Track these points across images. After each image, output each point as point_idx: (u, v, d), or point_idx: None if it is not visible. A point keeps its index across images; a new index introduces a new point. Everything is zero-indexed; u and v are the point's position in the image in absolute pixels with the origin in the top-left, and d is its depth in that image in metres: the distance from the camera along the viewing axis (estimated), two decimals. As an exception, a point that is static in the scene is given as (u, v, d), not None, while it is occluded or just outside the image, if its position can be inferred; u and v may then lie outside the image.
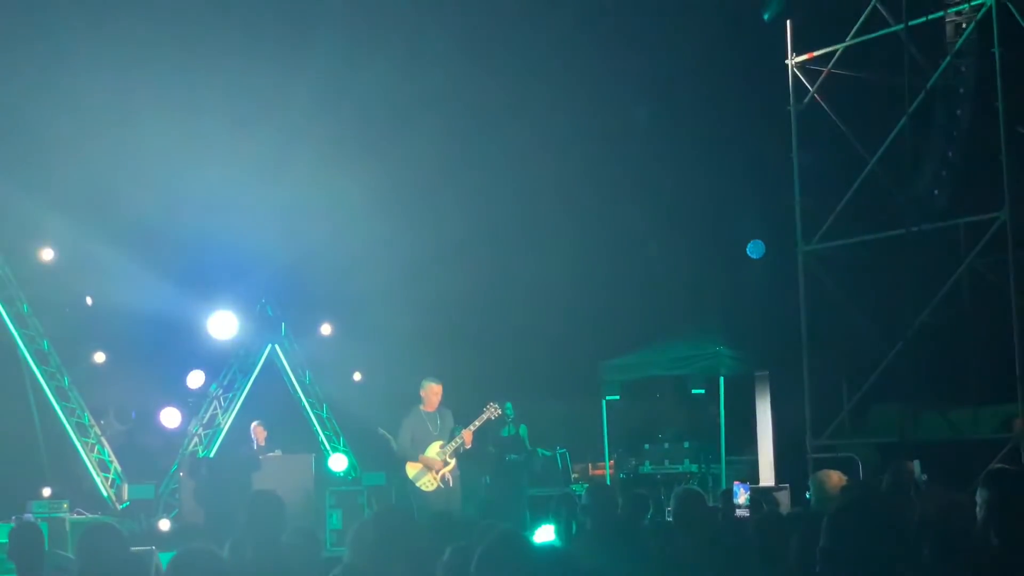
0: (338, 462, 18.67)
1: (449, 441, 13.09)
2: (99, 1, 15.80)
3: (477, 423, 13.32)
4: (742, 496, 6.62)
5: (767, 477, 15.71)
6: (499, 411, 13.97)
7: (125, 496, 17.05)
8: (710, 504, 8.46)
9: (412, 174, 18.36)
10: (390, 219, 18.72)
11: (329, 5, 16.32)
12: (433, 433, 13.13)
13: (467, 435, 13.14)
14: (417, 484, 12.98)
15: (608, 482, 16.99)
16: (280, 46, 16.56)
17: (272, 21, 16.79)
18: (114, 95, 16.11)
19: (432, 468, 12.97)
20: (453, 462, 13.10)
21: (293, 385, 20.47)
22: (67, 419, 18.05)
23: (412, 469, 13.05)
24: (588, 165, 17.59)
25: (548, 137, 17.60)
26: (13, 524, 13.30)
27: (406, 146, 17.74)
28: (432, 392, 13.29)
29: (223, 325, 19.10)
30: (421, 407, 13.28)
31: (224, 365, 19.95)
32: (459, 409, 17.06)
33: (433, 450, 13.04)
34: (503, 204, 18.62)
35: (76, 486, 17.17)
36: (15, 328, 17.84)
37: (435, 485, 12.96)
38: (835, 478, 7.75)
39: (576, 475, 17.09)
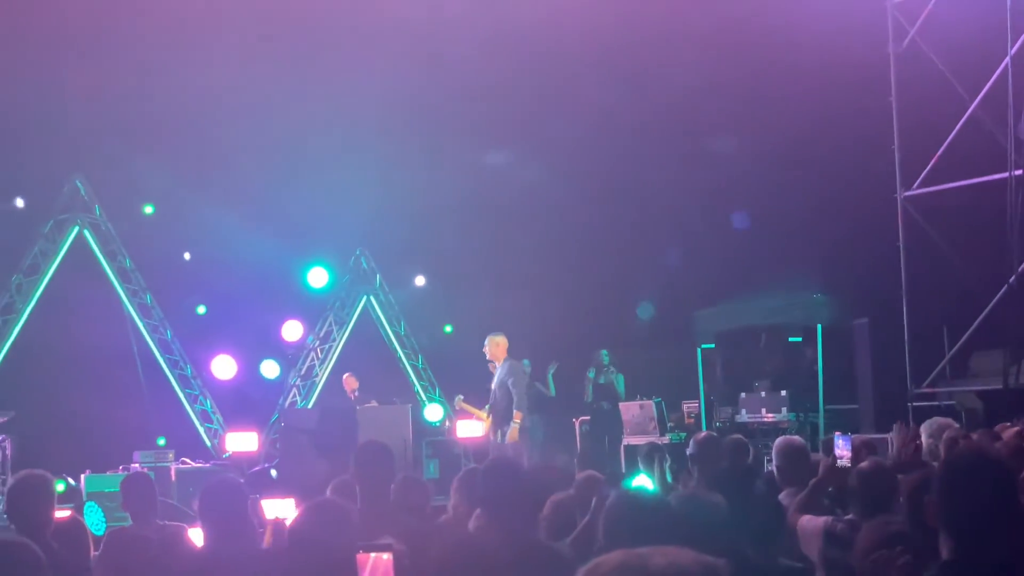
0: (434, 412, 18.84)
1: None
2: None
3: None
4: (843, 446, 6.52)
5: (867, 426, 15.54)
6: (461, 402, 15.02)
7: (227, 446, 17.36)
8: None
9: (504, 123, 18.32)
10: (483, 171, 18.74)
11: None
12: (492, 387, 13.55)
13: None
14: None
15: (704, 430, 16.96)
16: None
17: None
18: (213, 56, 16.28)
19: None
20: (488, 419, 13.67)
21: (388, 336, 20.67)
22: (171, 371, 18.46)
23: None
24: (683, 111, 17.39)
25: (641, 88, 17.42)
26: (122, 474, 13.72)
27: (499, 94, 17.69)
28: (490, 345, 13.71)
29: (320, 276, 19.40)
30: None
31: (320, 317, 20.21)
32: (559, 359, 17.19)
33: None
34: (598, 154, 18.52)
35: (181, 436, 17.55)
36: (119, 283, 18.24)
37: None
38: (944, 428, 7.66)
39: (672, 424, 17.04)
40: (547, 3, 15.95)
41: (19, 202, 17.79)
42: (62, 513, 6.95)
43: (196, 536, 5.99)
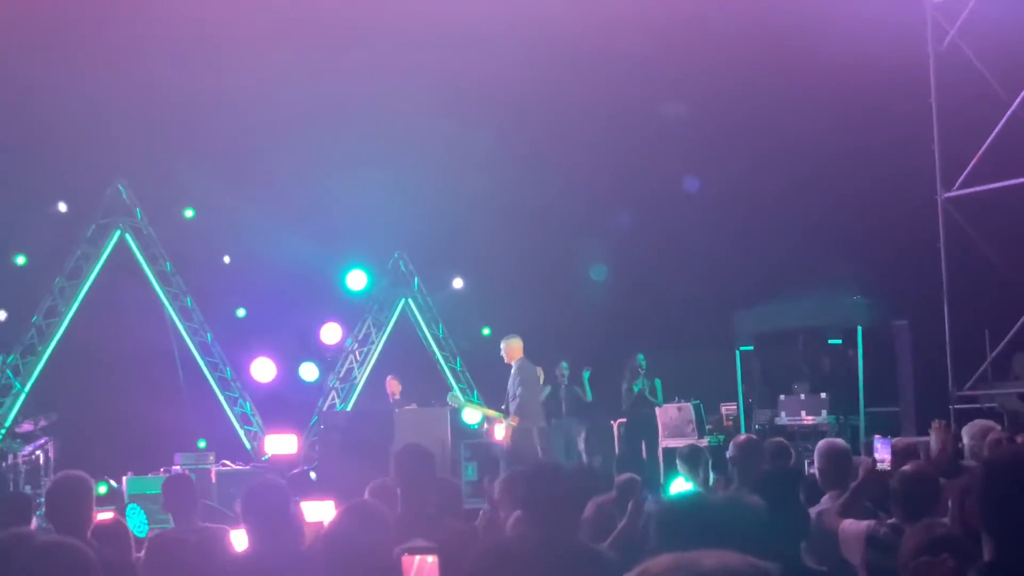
0: (472, 415, 18.86)
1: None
2: None
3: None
4: (883, 450, 6.48)
5: (908, 428, 15.44)
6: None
7: (267, 449, 17.44)
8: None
9: (542, 130, 18.36)
10: (521, 175, 18.75)
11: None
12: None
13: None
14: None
15: (743, 432, 16.89)
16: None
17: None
18: (253, 60, 16.39)
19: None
20: (501, 421, 13.86)
21: (426, 338, 20.72)
22: (211, 373, 18.59)
23: None
24: (721, 114, 17.36)
25: (680, 91, 17.40)
26: (163, 476, 13.83)
27: (538, 101, 17.72)
28: (504, 347, 13.99)
29: (358, 279, 19.49)
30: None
31: (359, 319, 20.28)
32: (593, 364, 17.17)
33: None
34: (634, 156, 18.49)
35: (220, 439, 17.65)
36: (159, 286, 18.39)
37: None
38: (987, 430, 7.61)
39: (710, 426, 16.99)
40: (581, 9, 15.98)
41: (62, 206, 17.96)
42: (105, 515, 7.02)
43: (237, 538, 6.03)
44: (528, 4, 16.10)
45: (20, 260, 17.87)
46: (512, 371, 13.73)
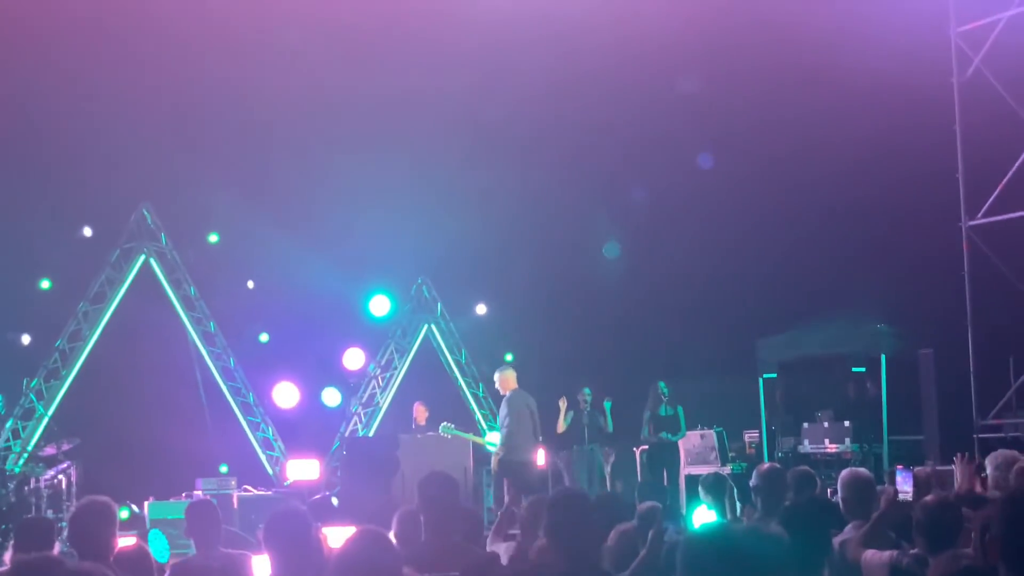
0: (495, 440, 18.82)
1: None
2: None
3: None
4: (903, 481, 6.43)
5: (932, 457, 15.35)
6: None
7: (289, 474, 17.44)
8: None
9: (565, 158, 18.43)
10: (544, 203, 18.81)
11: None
12: None
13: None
14: None
15: (766, 460, 16.82)
16: (437, 31, 16.71)
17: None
18: (278, 88, 16.52)
19: None
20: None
21: (449, 364, 20.72)
22: (233, 398, 18.63)
23: None
24: (743, 139, 17.37)
25: (702, 120, 17.44)
26: (185, 501, 13.85)
27: (562, 131, 17.81)
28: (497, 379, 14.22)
29: (381, 305, 19.52)
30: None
31: (381, 345, 20.30)
32: (614, 391, 17.13)
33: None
34: (655, 185, 18.51)
35: (242, 464, 17.67)
36: (183, 311, 18.47)
37: None
38: (1012, 460, 7.55)
39: (733, 454, 16.92)
40: (611, 39, 16.05)
41: (87, 231, 18.07)
42: (127, 540, 7.02)
43: (259, 564, 6.03)
44: (550, 39, 16.19)
45: (45, 284, 17.99)
46: (503, 402, 13.81)
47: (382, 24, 16.57)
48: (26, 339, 17.92)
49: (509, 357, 20.55)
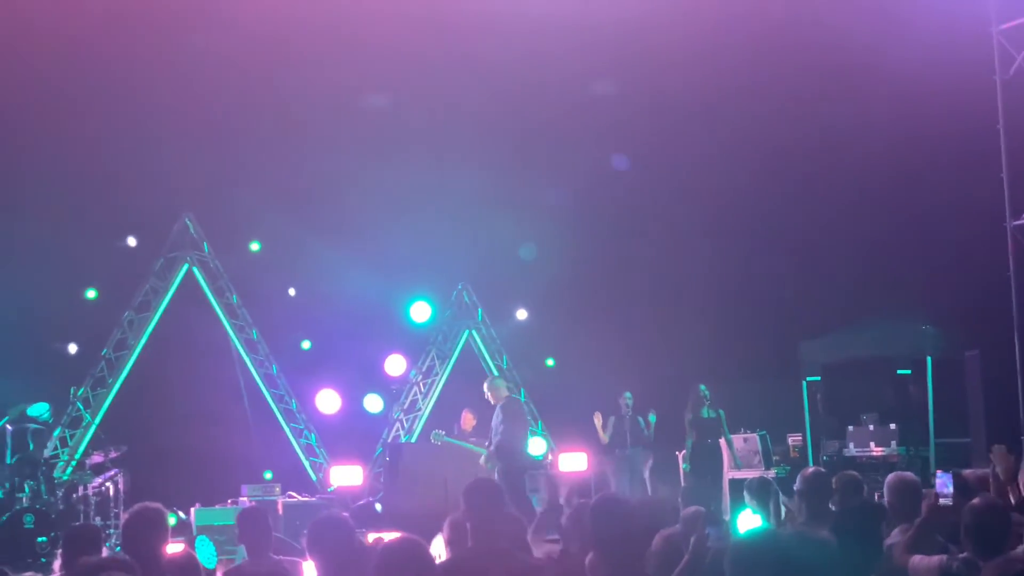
0: (537, 446, 18.81)
1: None
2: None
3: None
4: (944, 485, 6.35)
5: (979, 460, 15.21)
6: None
7: (332, 480, 17.51)
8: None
9: (603, 163, 18.42)
10: (580, 207, 18.80)
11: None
12: None
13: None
14: None
15: (811, 464, 16.70)
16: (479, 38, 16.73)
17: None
18: (317, 96, 16.61)
19: None
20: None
21: (490, 369, 20.71)
22: (276, 405, 18.72)
23: None
24: (787, 141, 17.29)
25: (749, 123, 17.37)
26: (231, 507, 13.94)
27: (601, 137, 17.80)
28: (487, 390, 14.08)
29: (422, 311, 19.57)
30: None
31: (423, 351, 20.34)
32: (657, 394, 17.09)
33: None
34: (694, 184, 18.45)
35: (286, 470, 17.75)
36: (226, 318, 18.59)
37: None
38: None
39: (777, 458, 16.83)
40: (661, 47, 16.05)
41: (131, 241, 18.22)
42: (175, 547, 7.07)
43: (310, 570, 6.05)
44: (592, 46, 16.20)
45: (91, 294, 18.14)
46: (496, 410, 13.71)
47: (422, 32, 16.60)
48: (73, 348, 18.08)
49: (550, 362, 20.58)
